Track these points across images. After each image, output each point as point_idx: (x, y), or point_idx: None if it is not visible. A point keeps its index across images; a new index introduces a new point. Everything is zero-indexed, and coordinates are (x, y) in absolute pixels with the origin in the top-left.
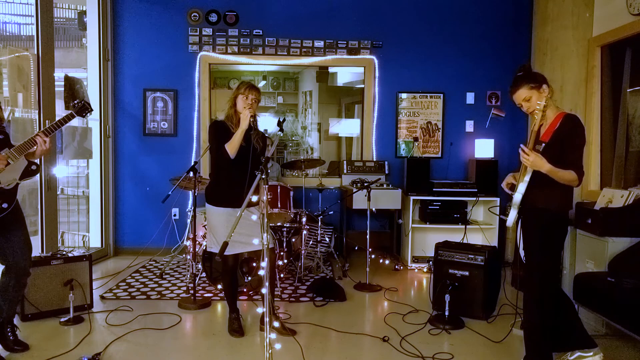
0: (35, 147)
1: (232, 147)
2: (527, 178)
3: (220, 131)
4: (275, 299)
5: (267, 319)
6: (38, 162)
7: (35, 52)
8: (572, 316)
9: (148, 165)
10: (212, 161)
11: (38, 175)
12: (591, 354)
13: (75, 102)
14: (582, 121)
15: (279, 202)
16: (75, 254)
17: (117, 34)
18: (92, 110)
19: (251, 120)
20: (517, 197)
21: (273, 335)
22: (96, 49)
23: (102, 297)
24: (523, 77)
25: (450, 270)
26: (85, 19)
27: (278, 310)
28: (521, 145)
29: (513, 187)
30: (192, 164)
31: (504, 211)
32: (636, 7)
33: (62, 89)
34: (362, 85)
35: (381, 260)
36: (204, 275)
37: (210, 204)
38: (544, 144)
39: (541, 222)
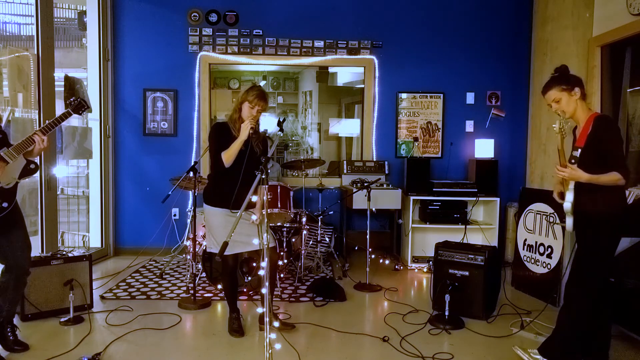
0: (33, 146)
1: (228, 156)
2: (571, 186)
3: (220, 136)
4: (275, 299)
5: (267, 319)
6: (37, 161)
7: (35, 52)
8: (604, 329)
9: (148, 165)
10: (210, 162)
11: (38, 175)
12: None
13: (72, 99)
14: (614, 120)
15: (279, 202)
16: (75, 254)
17: (117, 34)
18: (88, 107)
19: (251, 132)
20: (567, 205)
21: (273, 335)
22: (96, 49)
23: (102, 297)
24: (556, 79)
25: (450, 270)
26: (85, 19)
27: (277, 310)
28: (556, 167)
29: (563, 195)
30: (192, 164)
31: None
32: (636, 7)
33: (62, 89)
34: (362, 85)
35: (381, 260)
36: (204, 275)
37: (208, 205)
38: (580, 149)
39: (591, 227)
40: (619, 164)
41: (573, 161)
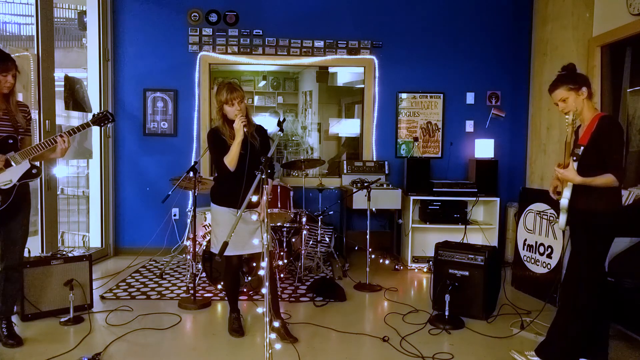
0: (55, 145)
1: (230, 160)
2: (570, 183)
3: (218, 141)
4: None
5: (267, 319)
6: (39, 166)
7: (35, 52)
8: (603, 327)
9: (148, 165)
10: (216, 169)
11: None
12: None
13: (98, 112)
14: (619, 121)
15: (279, 202)
16: (75, 254)
17: (117, 34)
18: (113, 120)
19: (245, 130)
20: (564, 202)
21: (273, 335)
22: (96, 49)
23: (102, 297)
24: (564, 77)
25: (450, 270)
26: (85, 19)
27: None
28: (557, 164)
29: (559, 192)
30: (192, 164)
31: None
32: (636, 7)
33: (62, 89)
34: (362, 85)
35: (381, 260)
36: (204, 275)
37: (215, 204)
38: (582, 147)
39: (586, 225)
40: (615, 166)
41: (575, 158)
